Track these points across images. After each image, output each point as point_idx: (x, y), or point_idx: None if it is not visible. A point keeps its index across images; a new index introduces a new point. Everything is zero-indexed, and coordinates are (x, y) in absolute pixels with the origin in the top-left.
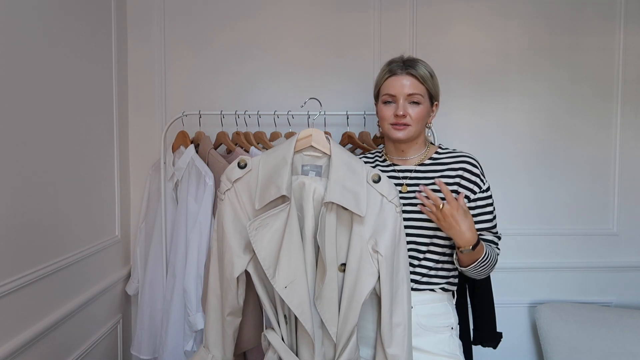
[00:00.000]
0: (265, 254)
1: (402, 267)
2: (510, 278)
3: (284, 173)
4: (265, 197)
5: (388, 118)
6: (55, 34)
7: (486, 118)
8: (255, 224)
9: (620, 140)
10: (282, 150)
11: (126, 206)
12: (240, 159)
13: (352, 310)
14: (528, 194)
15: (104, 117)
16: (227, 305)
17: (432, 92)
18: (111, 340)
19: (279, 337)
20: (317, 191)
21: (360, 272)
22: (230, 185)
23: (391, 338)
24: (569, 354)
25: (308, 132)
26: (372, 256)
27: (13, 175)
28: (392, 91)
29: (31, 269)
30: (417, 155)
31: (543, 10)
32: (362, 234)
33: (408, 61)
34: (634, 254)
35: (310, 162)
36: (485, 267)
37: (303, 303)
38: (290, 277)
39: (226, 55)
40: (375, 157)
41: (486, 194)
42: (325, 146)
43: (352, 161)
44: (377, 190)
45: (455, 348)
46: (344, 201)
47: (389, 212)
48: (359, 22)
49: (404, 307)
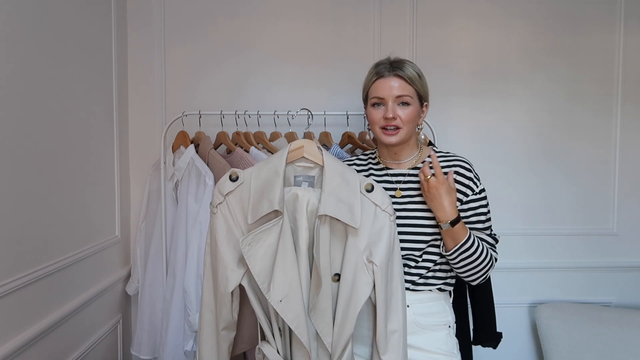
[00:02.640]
0: (260, 269)
1: (397, 274)
2: (510, 278)
3: (276, 186)
4: (257, 211)
5: (378, 121)
6: (55, 34)
7: (486, 117)
8: (248, 239)
9: (621, 140)
10: (274, 162)
11: (126, 206)
12: (232, 171)
13: (348, 320)
14: (528, 194)
15: (104, 117)
16: (222, 320)
17: (420, 92)
18: (111, 340)
19: (274, 349)
20: (311, 202)
21: (356, 283)
22: (222, 198)
23: (387, 345)
24: (569, 354)
25: (299, 143)
26: (367, 266)
27: (13, 175)
28: (381, 93)
29: (31, 269)
30: (410, 158)
31: (543, 9)
32: (357, 245)
33: (395, 62)
34: (634, 254)
35: (303, 172)
36: (475, 261)
37: (299, 316)
38: (285, 290)
39: (226, 55)
40: (368, 160)
41: (479, 195)
42: (317, 157)
43: (345, 171)
44: (371, 199)
45: (453, 346)
46: (339, 214)
47: (383, 221)
48: (359, 21)
49: (399, 314)
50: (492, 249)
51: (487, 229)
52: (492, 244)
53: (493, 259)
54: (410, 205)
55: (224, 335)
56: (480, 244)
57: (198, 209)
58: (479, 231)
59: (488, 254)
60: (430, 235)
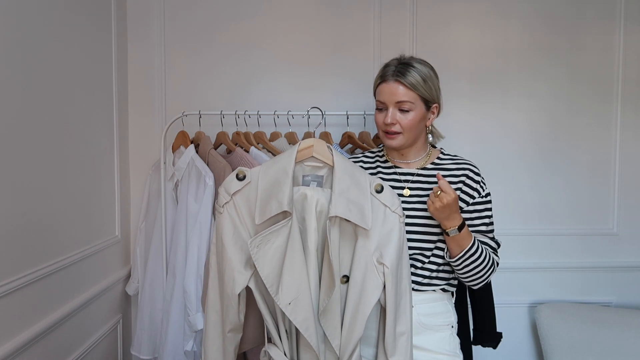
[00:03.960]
0: (268, 272)
1: (405, 275)
2: (510, 278)
3: (285, 187)
4: (265, 212)
5: (380, 125)
6: (55, 34)
7: (486, 118)
8: (256, 241)
9: (620, 140)
10: (283, 162)
11: (126, 206)
12: (239, 170)
13: (358, 323)
14: (528, 194)
15: (104, 117)
16: (228, 322)
17: (425, 96)
18: (111, 340)
19: (281, 351)
20: (320, 203)
21: (366, 285)
22: (229, 198)
23: (395, 347)
24: (569, 354)
25: (309, 142)
26: (377, 268)
27: (13, 175)
28: (382, 98)
29: (31, 269)
30: (418, 158)
31: (543, 10)
32: (367, 247)
33: (401, 65)
34: (634, 254)
35: (311, 172)
36: (479, 266)
37: (307, 319)
38: (294, 293)
39: (226, 55)
40: (376, 158)
41: (485, 199)
42: (327, 157)
43: (355, 171)
44: (381, 200)
45: (455, 346)
46: (350, 215)
47: (393, 222)
48: (358, 21)
49: (407, 316)
50: (494, 253)
51: (490, 232)
52: (495, 248)
53: (495, 263)
54: (418, 204)
55: (230, 337)
56: (484, 250)
57: (198, 209)
58: (483, 234)
59: (491, 258)
60: (438, 235)
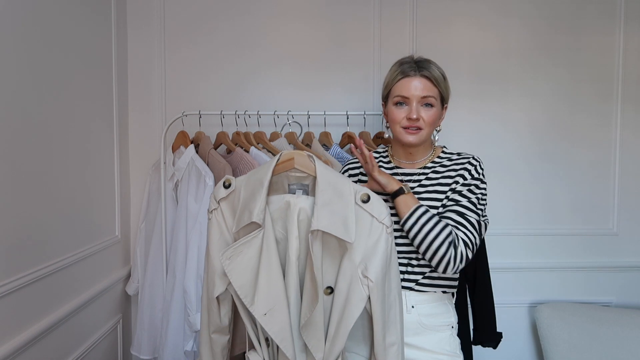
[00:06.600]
0: (241, 283)
1: (394, 287)
2: (511, 278)
3: (258, 198)
4: (240, 221)
5: (400, 121)
6: (55, 35)
7: (486, 117)
8: (227, 253)
9: (620, 140)
10: (261, 173)
11: (126, 206)
12: (226, 178)
13: (340, 335)
14: (528, 194)
15: (104, 117)
16: (211, 323)
17: (444, 94)
18: (111, 340)
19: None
20: (303, 211)
21: (350, 297)
22: (216, 204)
23: (385, 358)
24: (569, 354)
25: (289, 155)
26: (361, 281)
27: (13, 175)
28: (406, 93)
29: (31, 268)
30: (424, 158)
31: (543, 9)
32: (352, 258)
33: (420, 62)
34: (634, 254)
35: (297, 180)
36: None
37: (284, 330)
38: (270, 304)
39: (226, 55)
40: (379, 159)
41: (482, 184)
42: (309, 168)
43: (338, 181)
44: (367, 210)
45: (456, 346)
46: (332, 229)
47: (380, 234)
48: (358, 21)
49: (397, 327)
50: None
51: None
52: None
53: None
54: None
55: (214, 339)
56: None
57: (198, 209)
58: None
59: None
60: None
